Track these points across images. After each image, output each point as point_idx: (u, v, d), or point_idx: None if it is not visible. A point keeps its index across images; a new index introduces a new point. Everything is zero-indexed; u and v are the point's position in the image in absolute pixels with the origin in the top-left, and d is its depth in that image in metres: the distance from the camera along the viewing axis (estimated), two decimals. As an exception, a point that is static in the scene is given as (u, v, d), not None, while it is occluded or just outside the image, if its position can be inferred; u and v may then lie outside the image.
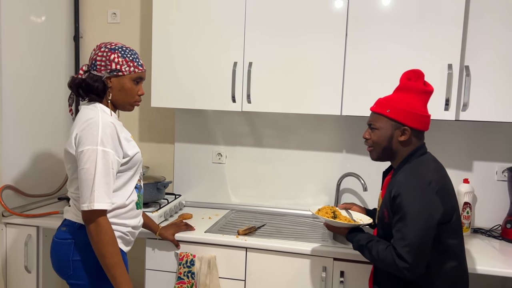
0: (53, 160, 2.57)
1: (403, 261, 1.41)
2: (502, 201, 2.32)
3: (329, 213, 1.78)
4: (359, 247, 1.59)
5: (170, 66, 2.33)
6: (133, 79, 1.63)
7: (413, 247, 1.41)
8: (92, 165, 1.48)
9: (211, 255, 2.07)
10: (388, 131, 1.60)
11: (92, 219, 1.50)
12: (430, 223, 1.44)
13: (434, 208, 1.46)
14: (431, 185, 1.48)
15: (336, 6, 2.12)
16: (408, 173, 1.52)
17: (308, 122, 2.53)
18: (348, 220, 1.76)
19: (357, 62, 2.12)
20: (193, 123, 2.68)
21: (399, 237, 1.44)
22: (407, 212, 1.44)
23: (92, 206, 1.47)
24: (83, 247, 1.58)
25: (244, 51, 2.23)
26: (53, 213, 2.31)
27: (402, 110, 1.56)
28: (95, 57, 1.61)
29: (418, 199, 1.46)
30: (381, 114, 1.61)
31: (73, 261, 1.59)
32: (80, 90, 1.60)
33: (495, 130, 2.33)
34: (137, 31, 2.71)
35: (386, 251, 1.47)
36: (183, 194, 2.67)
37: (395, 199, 1.48)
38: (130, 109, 1.70)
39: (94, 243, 1.51)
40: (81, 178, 1.50)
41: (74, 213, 1.63)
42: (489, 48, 2.02)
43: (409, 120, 1.56)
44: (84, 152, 1.49)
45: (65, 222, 1.67)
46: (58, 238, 1.65)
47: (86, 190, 1.49)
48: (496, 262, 1.89)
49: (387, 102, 1.61)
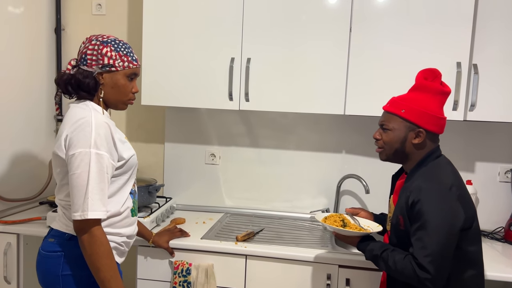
0: (34, 162, 2.39)
1: (425, 272, 1.33)
2: (505, 203, 2.28)
3: (337, 221, 1.67)
4: (373, 257, 1.50)
5: (161, 62, 2.18)
6: (127, 75, 1.49)
7: (435, 257, 1.33)
8: (84, 170, 1.34)
9: (208, 263, 1.95)
10: (402, 132, 1.51)
11: (86, 229, 1.36)
12: (452, 231, 1.36)
13: (456, 214, 1.38)
14: (452, 190, 1.40)
15: (340, 1, 2.02)
16: (427, 178, 1.44)
17: (306, 122, 2.43)
18: (358, 228, 1.67)
19: (361, 60, 2.03)
20: (185, 122, 2.54)
21: (420, 246, 1.35)
22: (429, 219, 1.35)
23: (86, 215, 1.34)
24: (74, 260, 1.45)
25: (242, 46, 2.11)
26: (34, 219, 2.14)
27: (418, 111, 1.48)
28: (85, 50, 1.46)
29: (440, 205, 1.37)
30: (395, 114, 1.52)
31: (63, 276, 1.45)
32: (69, 87, 1.45)
33: (497, 131, 2.28)
34: (124, 24, 2.55)
35: (404, 261, 1.38)
36: (174, 197, 2.53)
37: (414, 205, 1.39)
38: (123, 108, 1.57)
39: (87, 256, 1.37)
40: (72, 184, 1.36)
41: (63, 222, 1.49)
42: (496, 46, 1.96)
43: (425, 122, 1.48)
44: (75, 156, 1.35)
45: (53, 233, 1.51)
46: (45, 251, 1.50)
47: (78, 198, 1.35)
48: (499, 266, 1.84)
49: (402, 102, 1.51)
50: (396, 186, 1.63)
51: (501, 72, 1.96)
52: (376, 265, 1.51)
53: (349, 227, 1.65)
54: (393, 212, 1.55)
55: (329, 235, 2.19)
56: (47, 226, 2.04)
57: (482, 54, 1.96)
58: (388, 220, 1.64)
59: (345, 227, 1.64)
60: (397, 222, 1.49)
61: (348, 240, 1.62)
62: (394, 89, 1.97)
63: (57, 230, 1.50)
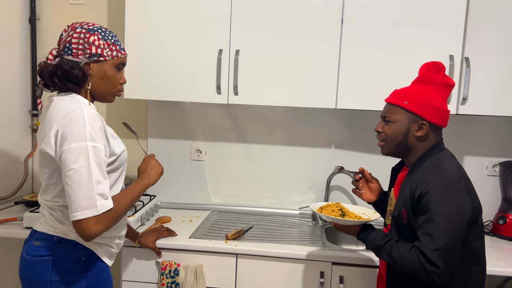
0: (7, 159, 2.26)
1: (433, 266, 1.29)
2: (493, 197, 2.28)
3: (336, 211, 1.61)
4: (376, 247, 1.45)
5: (145, 54, 2.08)
6: (115, 65, 1.40)
7: (443, 251, 1.29)
8: (83, 164, 1.23)
9: (197, 263, 1.88)
10: (405, 124, 1.46)
11: (100, 222, 1.26)
12: (461, 224, 1.33)
13: (464, 208, 1.35)
14: (460, 183, 1.37)
15: (332, -10, 1.97)
16: (434, 170, 1.40)
17: (295, 116, 2.38)
18: (358, 217, 1.61)
19: (353, 53, 1.98)
20: (169, 117, 2.45)
21: (428, 240, 1.31)
22: (438, 212, 1.32)
23: (97, 211, 1.24)
24: (64, 264, 1.35)
25: (231, 37, 2.03)
26: (10, 219, 2.01)
27: (422, 102, 1.44)
28: (69, 39, 1.34)
29: (449, 197, 1.34)
30: (398, 106, 1.47)
31: (51, 282, 1.34)
32: (55, 79, 1.33)
33: (484, 124, 2.28)
34: (104, 14, 2.43)
35: (411, 254, 1.33)
36: (158, 194, 2.43)
37: (422, 197, 1.35)
38: (111, 100, 1.47)
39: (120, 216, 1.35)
40: (70, 180, 1.24)
41: (50, 224, 1.38)
42: (487, 39, 1.94)
43: (428, 114, 1.44)
44: (71, 150, 1.24)
45: (37, 235, 1.40)
46: (30, 255, 1.38)
47: (80, 194, 1.23)
48: (490, 260, 1.80)
49: (405, 94, 1.47)
50: (398, 179, 1.59)
51: (491, 65, 1.95)
52: (377, 255, 1.46)
53: (348, 216, 1.59)
54: (394, 205, 1.51)
55: (320, 231, 2.14)
56: (25, 227, 1.92)
57: (473, 47, 1.95)
58: (388, 213, 1.60)
59: (344, 217, 1.58)
60: (399, 215, 1.45)
61: (348, 230, 1.56)
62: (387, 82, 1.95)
63: (43, 233, 1.39)
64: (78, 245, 1.37)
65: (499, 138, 2.29)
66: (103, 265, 1.43)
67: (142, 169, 1.53)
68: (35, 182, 2.50)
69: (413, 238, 1.39)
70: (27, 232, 1.50)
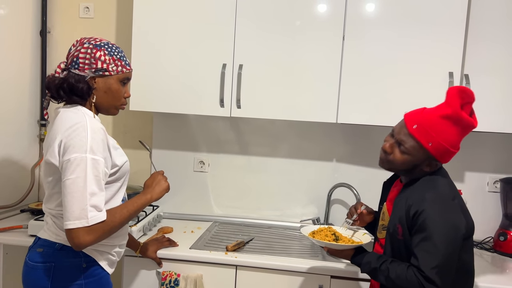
0: (15, 168, 2.31)
1: (431, 284, 1.30)
2: (494, 213, 2.28)
3: (329, 235, 1.60)
4: (372, 270, 1.45)
5: (151, 67, 2.14)
6: (120, 79, 1.45)
7: (441, 269, 1.30)
8: (80, 175, 1.27)
9: (197, 273, 1.90)
10: (418, 160, 1.44)
11: (90, 233, 1.29)
12: (457, 242, 1.35)
13: (459, 225, 1.36)
14: (455, 201, 1.39)
15: (334, 8, 2.01)
16: (429, 188, 1.41)
17: (297, 129, 2.41)
18: (351, 241, 1.62)
19: (354, 68, 2.02)
20: (173, 128, 2.49)
21: (426, 258, 1.32)
22: (434, 231, 1.33)
23: (88, 222, 1.27)
24: (65, 271, 1.38)
25: (234, 52, 2.08)
26: (15, 227, 2.06)
27: (445, 149, 1.41)
28: (76, 53, 1.40)
29: (445, 216, 1.35)
30: (421, 144, 1.42)
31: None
32: (60, 92, 1.39)
33: (486, 140, 2.29)
34: (113, 28, 2.49)
35: (408, 273, 1.34)
36: (161, 205, 2.46)
37: (417, 216, 1.37)
38: (114, 113, 1.52)
39: (115, 229, 1.37)
40: (66, 190, 1.28)
41: (53, 231, 1.42)
42: (486, 56, 1.97)
43: (445, 158, 1.44)
44: (71, 161, 1.29)
45: (41, 242, 1.44)
46: (33, 261, 1.42)
47: (73, 204, 1.27)
48: (491, 276, 1.84)
49: (432, 133, 1.41)
50: (391, 194, 1.60)
51: (491, 81, 1.97)
52: (374, 278, 1.47)
53: (341, 240, 1.59)
54: (388, 220, 1.52)
55: (320, 245, 2.16)
56: (29, 235, 1.96)
57: (473, 64, 1.97)
58: (380, 228, 1.61)
59: (337, 241, 1.58)
60: (394, 231, 1.46)
61: (341, 254, 1.56)
62: (387, 98, 1.98)
63: (46, 240, 1.43)
64: (79, 252, 1.39)
65: (500, 154, 2.30)
66: (104, 273, 1.46)
67: (147, 184, 1.57)
68: (41, 191, 2.54)
69: (407, 254, 1.40)
70: (31, 239, 1.54)
